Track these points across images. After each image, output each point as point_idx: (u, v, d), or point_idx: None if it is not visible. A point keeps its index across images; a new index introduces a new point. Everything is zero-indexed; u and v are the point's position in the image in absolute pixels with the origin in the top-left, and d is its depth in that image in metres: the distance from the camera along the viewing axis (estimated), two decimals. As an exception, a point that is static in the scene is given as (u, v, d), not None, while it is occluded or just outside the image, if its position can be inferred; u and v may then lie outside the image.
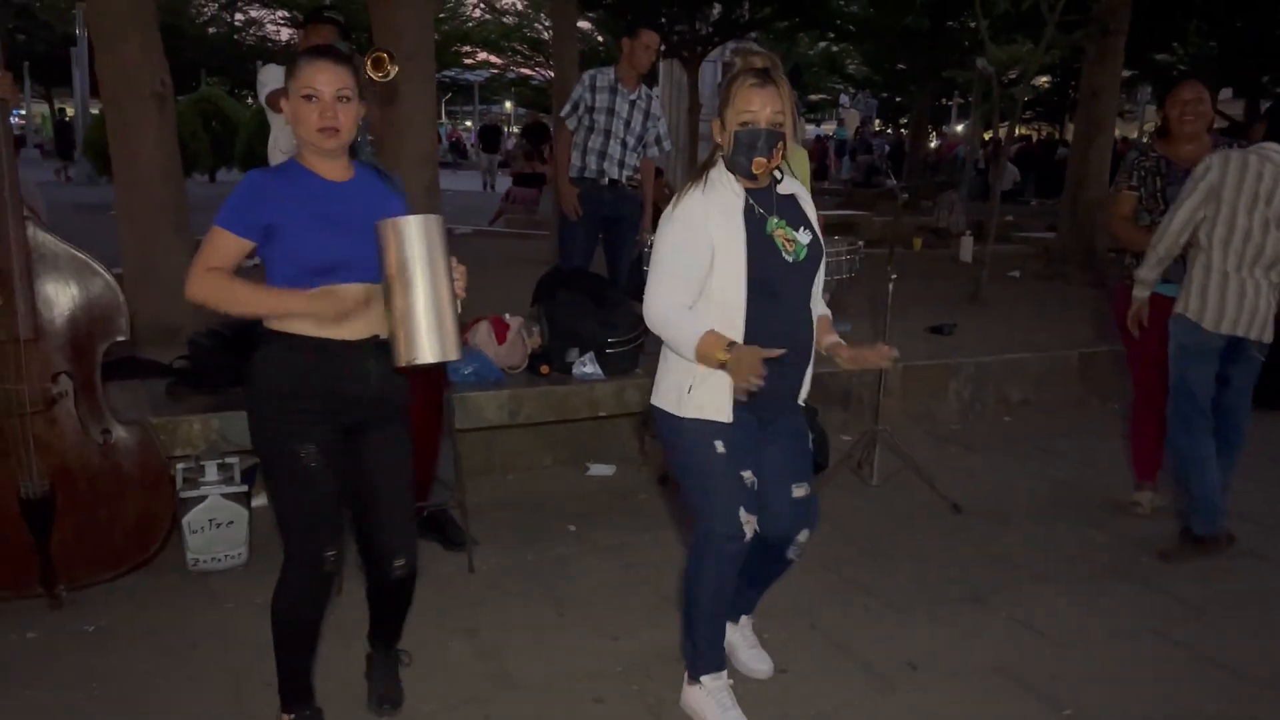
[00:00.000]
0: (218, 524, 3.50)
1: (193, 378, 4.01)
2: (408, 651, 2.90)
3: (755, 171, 2.51)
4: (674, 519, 4.17)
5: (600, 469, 4.76)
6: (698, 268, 2.50)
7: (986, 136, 20.71)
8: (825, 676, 3.00)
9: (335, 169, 2.43)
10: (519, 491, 4.48)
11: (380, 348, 2.39)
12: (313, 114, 2.32)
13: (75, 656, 2.98)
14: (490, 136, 24.57)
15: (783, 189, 2.65)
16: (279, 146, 4.29)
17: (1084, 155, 9.13)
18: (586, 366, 4.63)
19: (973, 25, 16.97)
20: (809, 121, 36.86)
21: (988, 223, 8.15)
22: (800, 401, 2.75)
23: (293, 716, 2.57)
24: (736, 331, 2.51)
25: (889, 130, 32.91)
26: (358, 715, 2.73)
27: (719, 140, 2.59)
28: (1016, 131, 21.79)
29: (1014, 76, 18.79)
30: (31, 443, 3.15)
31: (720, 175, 2.58)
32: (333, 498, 2.44)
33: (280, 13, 31.51)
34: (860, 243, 4.20)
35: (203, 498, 3.50)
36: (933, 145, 25.18)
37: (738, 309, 2.51)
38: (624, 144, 5.36)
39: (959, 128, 30.13)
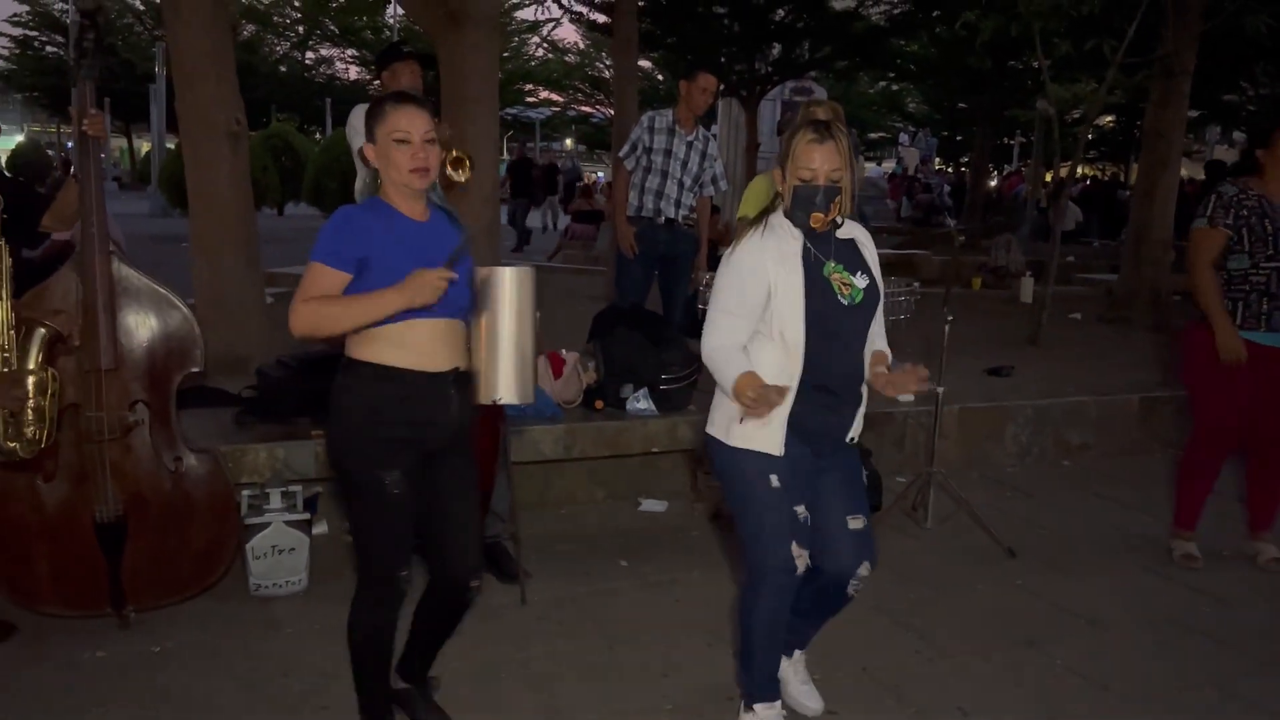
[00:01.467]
0: (280, 550, 3.60)
1: (260, 407, 4.14)
2: (435, 676, 2.95)
3: (813, 225, 2.60)
4: (726, 556, 4.19)
5: (652, 505, 4.79)
6: (754, 304, 2.60)
7: (1048, 177, 20.52)
8: (876, 719, 2.99)
9: (417, 209, 2.54)
10: (571, 525, 4.53)
11: (461, 379, 2.51)
12: (405, 156, 2.44)
13: (143, 676, 3.08)
14: (521, 174, 19.86)
15: (842, 234, 2.73)
16: (368, 193, 4.41)
17: (1148, 196, 9.00)
18: (640, 403, 4.68)
19: (1035, 65, 16.90)
20: (868, 159, 36.78)
21: (1048, 263, 8.07)
22: (849, 439, 2.78)
23: None
24: (795, 365, 2.60)
25: (948, 169, 32.73)
26: None
27: (780, 189, 2.68)
28: (1080, 171, 21.57)
29: (1077, 116, 18.65)
30: (108, 468, 3.27)
31: (780, 220, 2.67)
32: (410, 522, 2.54)
33: (350, 51, 32.43)
34: (916, 284, 4.21)
35: (266, 524, 3.60)
36: (992, 184, 25.00)
37: (797, 348, 2.59)
38: (680, 184, 5.45)
39: (1020, 168, 29.87)
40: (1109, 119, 25.97)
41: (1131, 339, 8.06)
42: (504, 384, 2.47)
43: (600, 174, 37.38)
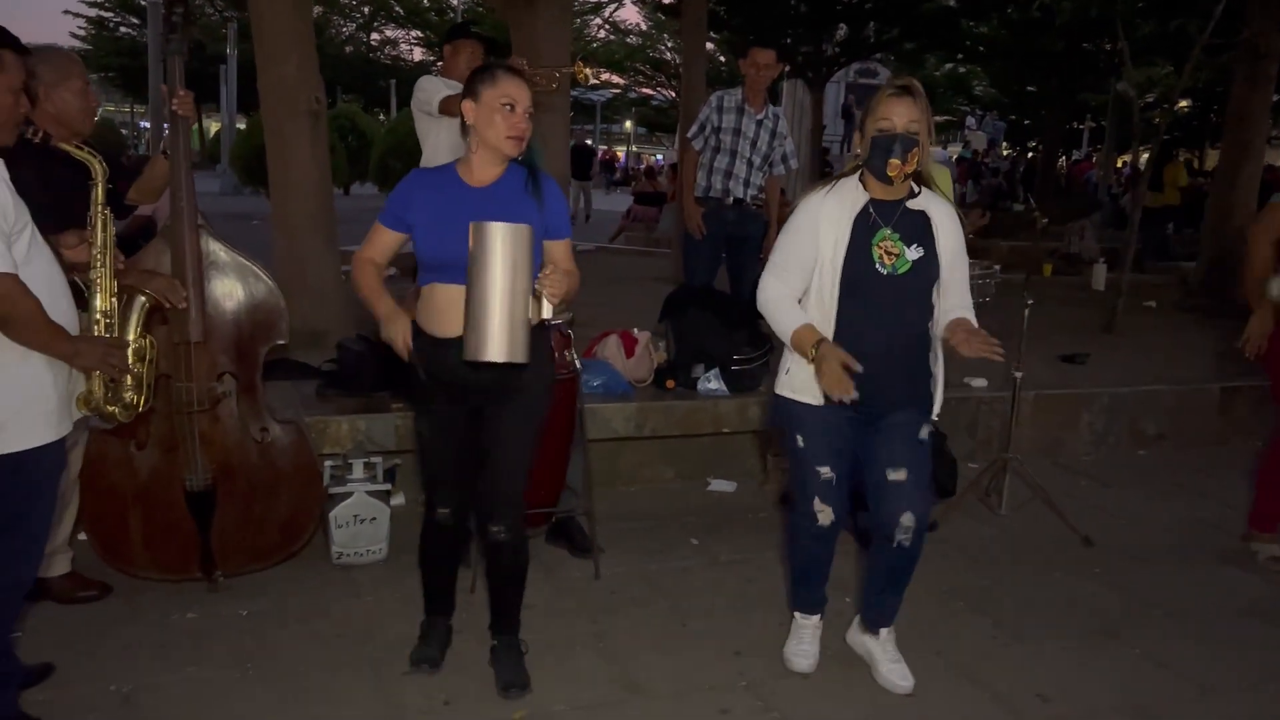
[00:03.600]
0: (361, 520, 3.68)
1: (340, 380, 4.22)
2: (525, 641, 3.01)
3: (890, 174, 2.68)
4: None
5: (721, 485, 4.80)
6: (805, 261, 2.77)
7: (1120, 162, 20.04)
8: (954, 704, 2.98)
9: (487, 173, 2.67)
10: (642, 503, 4.56)
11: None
12: (508, 121, 2.60)
13: (232, 638, 3.17)
14: (582, 160, 19.33)
15: (914, 204, 2.77)
16: (440, 156, 4.47)
17: (1230, 183, 8.78)
18: (711, 383, 4.69)
19: (1108, 47, 16.49)
20: (934, 143, 36.22)
21: (1123, 250, 7.90)
22: (931, 415, 2.89)
23: (425, 618, 3.04)
24: (827, 324, 2.75)
25: (1014, 153, 32.12)
26: (489, 699, 2.86)
27: (858, 149, 2.79)
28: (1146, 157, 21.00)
29: (1150, 100, 18.18)
30: (197, 438, 3.36)
31: (849, 182, 2.78)
32: (444, 465, 2.82)
33: (414, 33, 32.69)
34: (996, 267, 4.15)
35: (349, 494, 3.68)
36: (1062, 169, 24.52)
37: (830, 307, 2.75)
38: (750, 163, 5.40)
39: (1090, 153, 29.20)
40: (1184, 104, 25.26)
41: (1209, 327, 7.86)
42: (492, 342, 2.43)
43: (659, 156, 37.30)
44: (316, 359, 4.62)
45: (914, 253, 2.74)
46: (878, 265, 2.72)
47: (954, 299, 2.83)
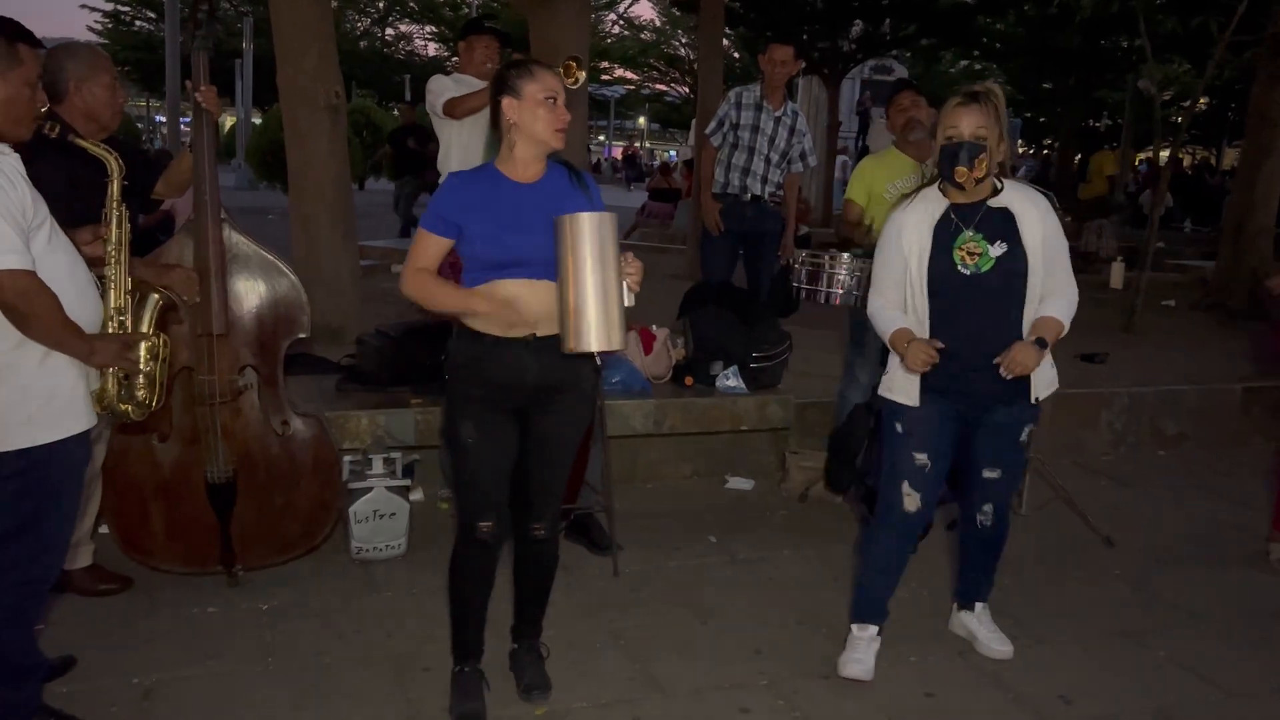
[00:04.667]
0: (381, 515, 3.68)
1: (360, 375, 4.22)
2: (546, 644, 2.99)
3: (958, 180, 2.77)
4: (815, 537, 4.16)
5: (739, 483, 4.79)
6: (895, 273, 2.91)
7: (1136, 161, 19.91)
8: (975, 704, 2.96)
9: (531, 170, 2.63)
10: (660, 500, 4.55)
11: (541, 344, 2.57)
12: (554, 115, 2.57)
13: (252, 632, 3.17)
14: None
15: (996, 202, 2.85)
16: (451, 159, 4.48)
17: (1250, 181, 8.69)
18: (730, 380, 4.68)
19: (1126, 44, 16.37)
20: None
21: (1142, 248, 7.84)
22: (1034, 399, 2.95)
23: (457, 669, 2.81)
24: (922, 330, 2.86)
25: (1030, 151, 31.93)
26: (509, 697, 2.85)
27: (933, 161, 2.88)
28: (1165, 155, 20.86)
29: (1167, 97, 18.03)
30: (219, 430, 3.36)
31: (930, 192, 2.90)
32: (489, 475, 2.66)
33: (429, 28, 32.71)
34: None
35: (368, 489, 3.68)
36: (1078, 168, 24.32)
37: (922, 310, 2.87)
38: (768, 160, 5.37)
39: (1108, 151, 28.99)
40: (1202, 101, 25.09)
41: (1229, 327, 7.82)
42: (590, 332, 2.43)
43: (673, 152, 37.23)
44: (335, 354, 4.63)
45: (997, 249, 2.82)
46: (960, 267, 2.82)
47: (1050, 289, 2.87)
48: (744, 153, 5.34)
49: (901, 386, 2.94)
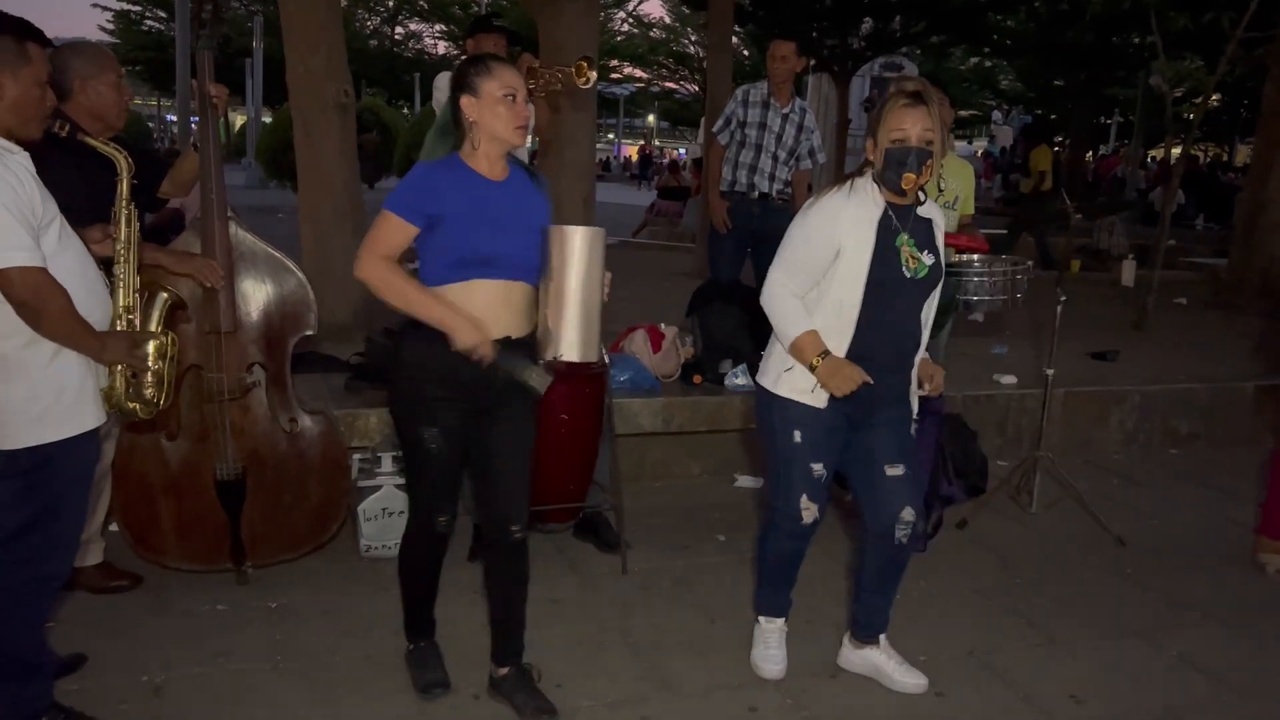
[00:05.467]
0: (390, 513, 3.68)
1: (368, 374, 4.22)
2: (533, 665, 2.89)
3: (904, 187, 2.66)
4: (821, 535, 4.14)
5: (748, 481, 4.78)
6: (819, 261, 2.70)
7: (1147, 158, 19.83)
8: (983, 704, 2.95)
9: (497, 168, 2.60)
10: (668, 499, 4.54)
11: (513, 346, 2.56)
12: (513, 112, 2.53)
13: (261, 630, 3.18)
14: None
15: (922, 211, 2.78)
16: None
17: (1262, 178, 8.64)
18: (739, 378, 4.67)
19: (1137, 41, 16.30)
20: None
21: (1153, 246, 7.81)
22: (910, 401, 2.89)
23: (412, 646, 2.91)
24: (847, 329, 2.70)
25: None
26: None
27: (870, 157, 2.74)
28: (1176, 152, 20.78)
29: (1179, 94, 17.92)
30: (228, 427, 3.37)
31: (865, 185, 2.73)
32: (449, 473, 2.70)
33: (438, 26, 32.74)
34: (1029, 263, 4.09)
35: (377, 487, 3.68)
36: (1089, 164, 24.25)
37: (852, 309, 2.69)
38: (775, 158, 5.35)
39: (1118, 148, 28.90)
40: (1215, 98, 24.97)
41: (1242, 325, 7.76)
42: (567, 341, 2.49)
43: (682, 150, 37.21)
44: (343, 352, 4.63)
45: (928, 258, 2.76)
46: (904, 269, 2.71)
47: (928, 310, 2.86)
48: (751, 150, 5.33)
49: (805, 386, 2.74)
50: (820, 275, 2.70)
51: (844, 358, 2.69)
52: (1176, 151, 9.52)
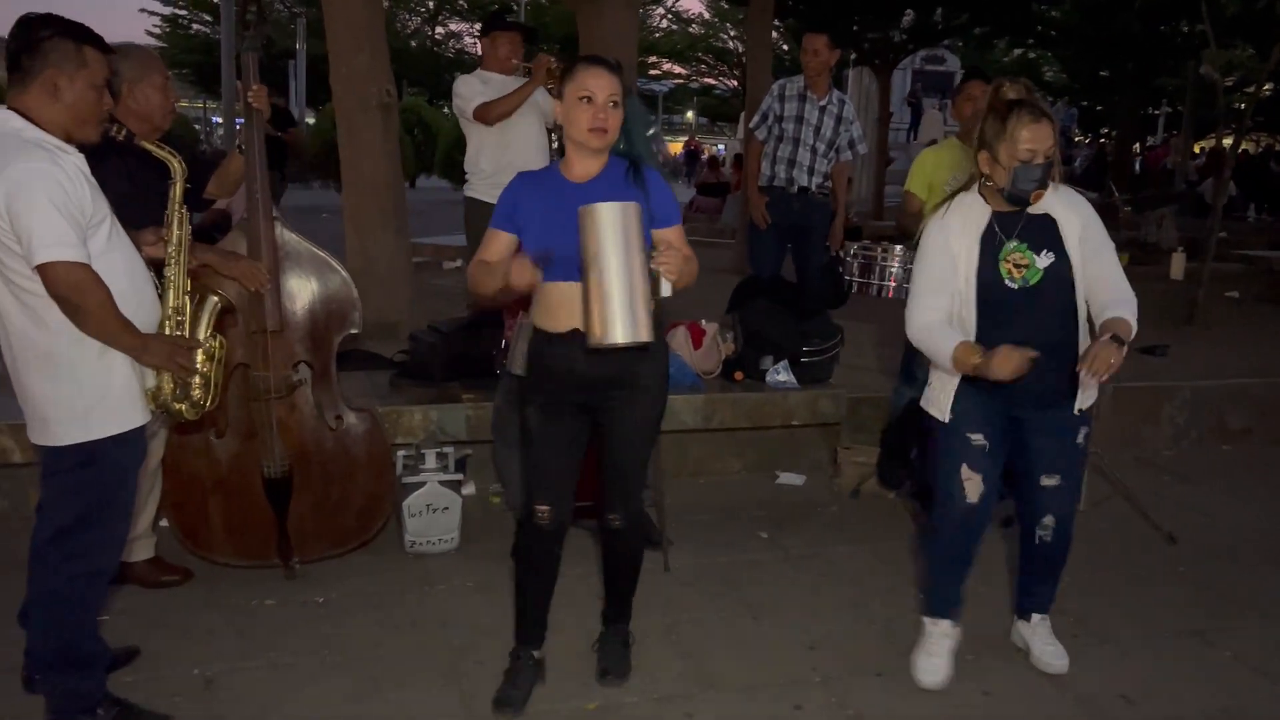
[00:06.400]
0: (434, 509, 3.70)
1: (412, 371, 4.26)
2: (633, 633, 3.03)
3: (1034, 202, 2.69)
4: (867, 533, 4.12)
5: (790, 478, 4.75)
6: (946, 278, 2.75)
7: (1196, 149, 19.43)
8: (1035, 705, 2.91)
9: (587, 168, 2.64)
10: (710, 495, 4.53)
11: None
12: (586, 115, 2.56)
13: (309, 625, 3.22)
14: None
15: (1035, 209, 2.74)
16: (481, 159, 4.49)
17: (1317, 168, 8.43)
18: (780, 375, 4.65)
19: (1186, 29, 15.98)
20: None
21: (1205, 239, 7.65)
22: (1076, 410, 2.84)
23: (514, 652, 2.87)
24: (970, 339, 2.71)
25: (1087, 140, 31.33)
26: (562, 689, 2.86)
27: (985, 170, 2.73)
28: (1228, 142, 20.35)
29: (1230, 83, 17.55)
30: (275, 425, 3.42)
31: (971, 199, 2.76)
32: (549, 461, 2.72)
33: (478, 26, 32.92)
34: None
35: (422, 484, 3.71)
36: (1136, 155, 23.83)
37: (970, 326, 2.74)
38: (814, 150, 5.30)
39: (1166, 139, 28.37)
40: (1267, 87, 24.42)
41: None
42: (615, 325, 2.37)
43: (721, 146, 37.07)
44: (388, 350, 4.67)
45: (1044, 260, 2.72)
46: (1006, 280, 2.71)
47: (1106, 294, 2.73)
48: (789, 144, 5.30)
49: (942, 400, 2.86)
50: (952, 291, 2.75)
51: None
52: (1228, 142, 9.32)
